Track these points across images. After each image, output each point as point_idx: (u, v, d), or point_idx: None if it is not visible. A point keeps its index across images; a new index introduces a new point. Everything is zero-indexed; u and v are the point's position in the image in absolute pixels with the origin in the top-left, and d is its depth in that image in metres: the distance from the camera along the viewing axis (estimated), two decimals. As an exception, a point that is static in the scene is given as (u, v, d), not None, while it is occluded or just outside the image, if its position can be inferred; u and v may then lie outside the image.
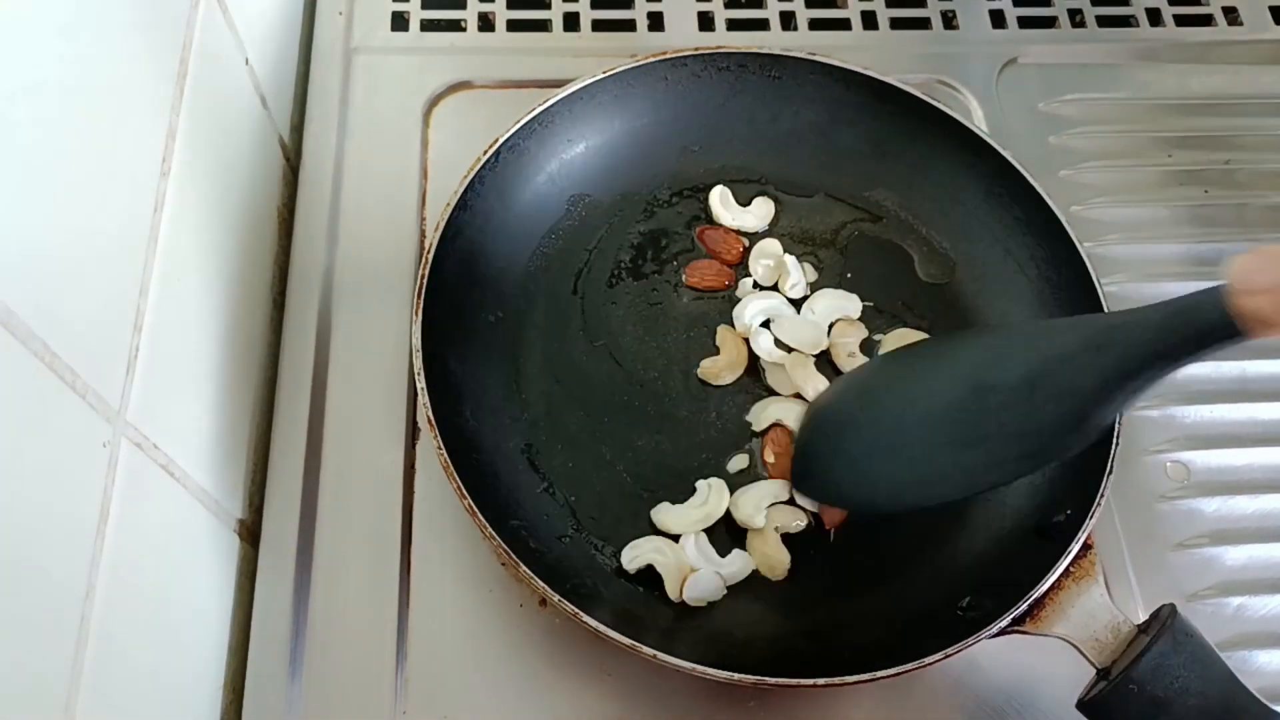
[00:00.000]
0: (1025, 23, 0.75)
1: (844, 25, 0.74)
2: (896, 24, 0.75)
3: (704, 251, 0.63)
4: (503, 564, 0.54)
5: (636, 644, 0.46)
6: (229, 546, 0.53)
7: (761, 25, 0.74)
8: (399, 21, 0.71)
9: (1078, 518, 0.50)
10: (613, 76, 0.61)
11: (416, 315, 0.52)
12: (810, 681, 0.47)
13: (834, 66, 0.62)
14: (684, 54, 0.62)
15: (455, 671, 0.52)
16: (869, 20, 0.74)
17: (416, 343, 0.52)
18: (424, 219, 0.64)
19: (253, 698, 0.51)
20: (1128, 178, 0.70)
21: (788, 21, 0.74)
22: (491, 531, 0.48)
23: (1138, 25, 0.76)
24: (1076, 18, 0.76)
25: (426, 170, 0.66)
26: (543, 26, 0.72)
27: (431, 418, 0.50)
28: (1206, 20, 0.77)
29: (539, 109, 0.59)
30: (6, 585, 0.33)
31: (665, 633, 0.51)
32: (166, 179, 0.47)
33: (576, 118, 0.61)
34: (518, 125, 0.59)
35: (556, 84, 0.61)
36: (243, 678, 0.51)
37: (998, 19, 0.75)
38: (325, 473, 0.56)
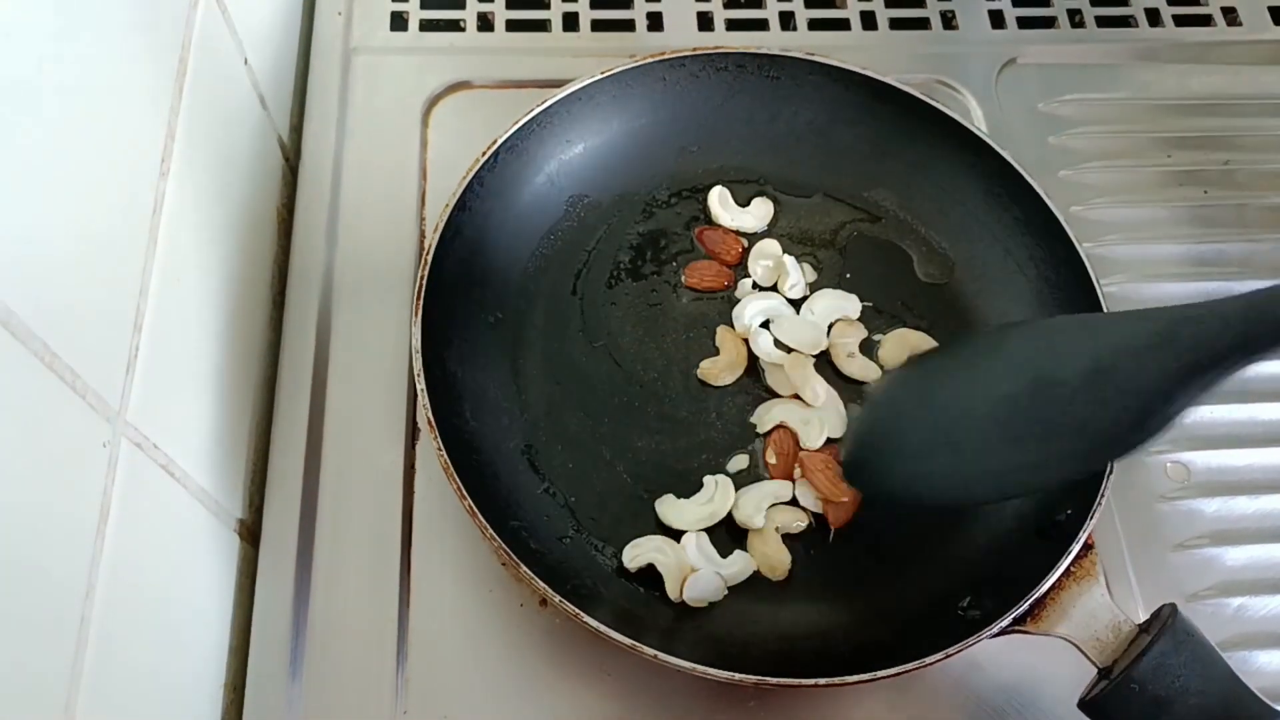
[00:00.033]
0: (1025, 23, 0.75)
1: (843, 25, 0.74)
2: (896, 24, 0.75)
3: (703, 252, 0.63)
4: (503, 564, 0.54)
5: (637, 644, 0.46)
6: (229, 546, 0.53)
7: (761, 25, 0.74)
8: (398, 21, 0.71)
9: (1078, 518, 0.50)
10: (611, 77, 0.61)
11: (416, 316, 0.52)
12: (811, 682, 0.47)
13: (832, 67, 0.62)
14: (682, 54, 0.62)
15: (455, 671, 0.52)
16: (868, 20, 0.74)
17: (416, 344, 0.52)
18: (423, 219, 0.64)
19: (253, 698, 0.51)
20: (1127, 178, 0.70)
21: (787, 22, 0.74)
22: (492, 532, 0.48)
23: (1137, 25, 0.76)
24: (1076, 18, 0.76)
25: (426, 170, 0.66)
26: (542, 26, 0.72)
27: (431, 419, 0.50)
28: (1206, 20, 0.77)
29: (537, 110, 0.59)
30: (6, 585, 0.33)
31: (666, 633, 0.51)
32: (166, 179, 0.47)
33: (575, 118, 0.61)
34: (516, 126, 0.59)
35: (556, 84, 0.61)
36: (243, 678, 0.51)
37: (997, 19, 0.75)
38: (325, 473, 0.56)
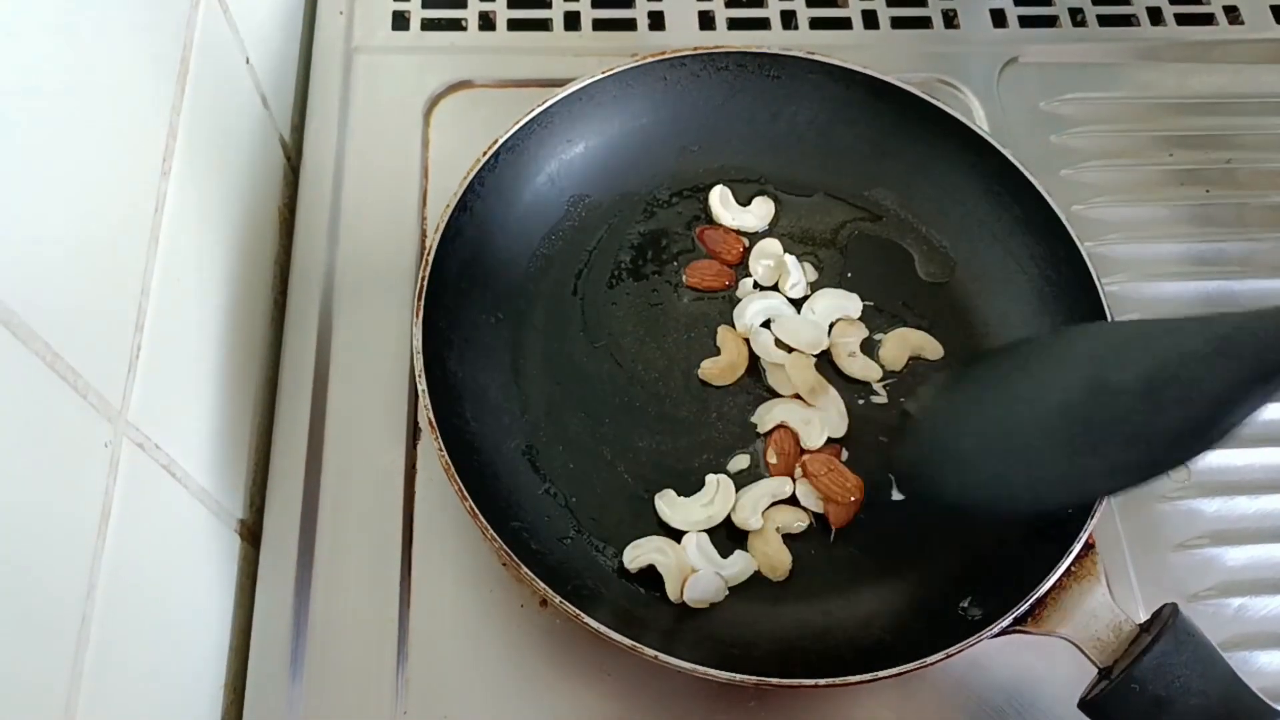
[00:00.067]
0: (1026, 22, 0.75)
1: (845, 24, 0.74)
2: (897, 23, 0.75)
3: (704, 252, 0.63)
4: (503, 565, 0.54)
5: (637, 645, 0.46)
6: (230, 547, 0.53)
7: (762, 24, 0.74)
8: (399, 21, 0.71)
9: (1079, 517, 0.50)
10: (611, 77, 0.61)
11: (417, 317, 0.52)
12: (811, 682, 0.47)
13: (833, 66, 0.62)
14: (683, 54, 0.62)
15: (456, 672, 0.52)
16: (870, 19, 0.74)
17: (417, 344, 0.52)
18: (425, 218, 0.64)
19: (253, 698, 0.51)
20: (1128, 177, 0.70)
21: (789, 21, 0.74)
22: (493, 533, 0.48)
23: (1139, 24, 0.76)
24: (1077, 17, 0.76)
25: (427, 169, 0.66)
26: (543, 26, 0.72)
27: (432, 419, 0.50)
28: (1207, 19, 0.77)
29: (538, 110, 0.59)
30: (7, 584, 0.33)
31: (666, 633, 0.51)
32: (167, 179, 0.47)
33: (575, 118, 0.61)
34: (517, 126, 0.59)
35: (557, 83, 0.61)
36: (243, 678, 0.51)
37: (998, 18, 0.75)
38: (326, 473, 0.56)
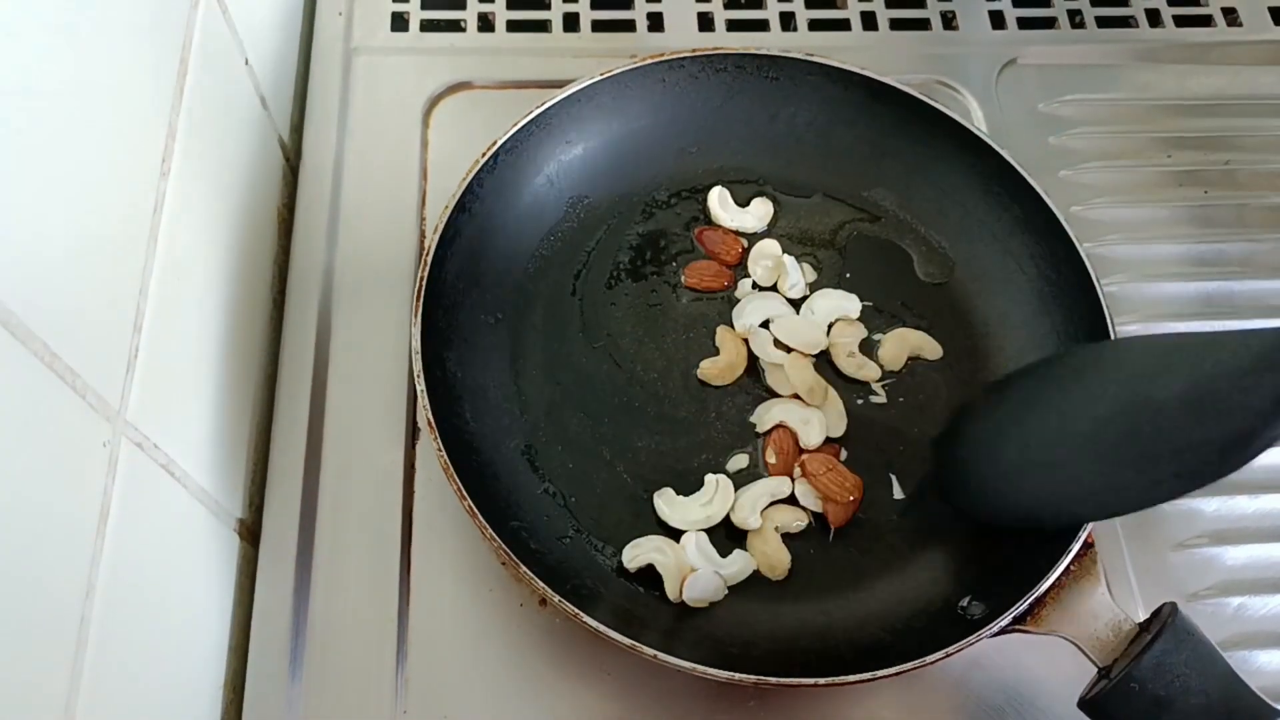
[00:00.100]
0: (1025, 23, 0.75)
1: (844, 26, 0.74)
2: (896, 25, 0.75)
3: (703, 252, 0.63)
4: (503, 564, 0.54)
5: (637, 644, 0.46)
6: (229, 546, 0.53)
7: (761, 26, 0.74)
8: (399, 22, 0.71)
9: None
10: (610, 78, 0.61)
11: (416, 317, 0.52)
12: (811, 681, 0.46)
13: (831, 67, 0.62)
14: (681, 56, 0.62)
15: (455, 671, 0.52)
16: (868, 21, 0.74)
17: (416, 344, 0.52)
18: (424, 219, 0.64)
19: (253, 697, 0.51)
20: (1127, 178, 0.70)
21: (787, 22, 0.74)
22: (492, 532, 0.48)
23: (1137, 26, 0.76)
24: (1076, 18, 0.76)
25: (426, 170, 0.66)
26: (542, 27, 0.72)
27: (431, 419, 0.50)
28: (1206, 21, 0.77)
29: (536, 111, 0.59)
30: (6, 585, 0.33)
31: (666, 633, 0.51)
32: (166, 179, 0.47)
33: (574, 119, 0.61)
34: (515, 128, 0.59)
35: (556, 84, 0.61)
36: (243, 677, 0.51)
37: (997, 20, 0.75)
38: (325, 473, 0.56)
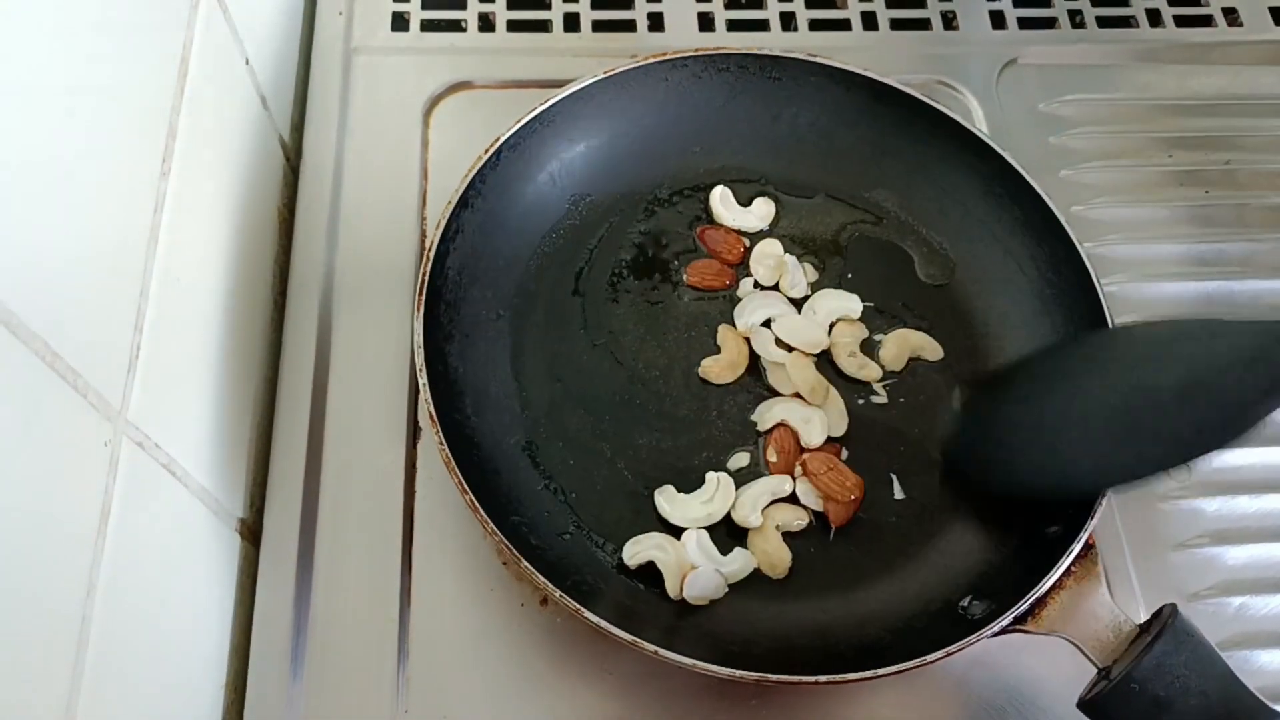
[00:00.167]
0: (1025, 23, 0.75)
1: (844, 26, 0.74)
2: (896, 25, 0.75)
3: (705, 251, 0.63)
4: (504, 562, 0.54)
5: (638, 640, 0.46)
6: (230, 546, 0.53)
7: (762, 26, 0.74)
8: (399, 21, 0.71)
9: (1079, 517, 0.50)
10: (614, 77, 0.61)
11: (418, 312, 0.52)
12: (811, 679, 0.46)
13: (834, 68, 0.62)
14: (684, 55, 0.62)
15: (456, 671, 0.52)
16: (869, 21, 0.74)
17: (418, 339, 0.52)
18: (424, 219, 0.64)
19: (254, 697, 0.51)
20: (1128, 178, 0.70)
21: (788, 22, 0.74)
22: (493, 527, 0.48)
23: (1138, 26, 0.76)
24: (1076, 18, 0.76)
25: (427, 170, 0.66)
26: (543, 27, 0.72)
27: (433, 413, 0.50)
28: (1206, 21, 0.77)
29: (540, 108, 0.59)
30: (7, 584, 0.33)
31: (666, 630, 0.51)
32: (167, 179, 0.47)
33: (578, 117, 0.61)
34: (519, 124, 0.59)
35: (556, 84, 0.61)
36: (244, 677, 0.51)
37: (998, 20, 0.75)
38: (326, 472, 0.56)
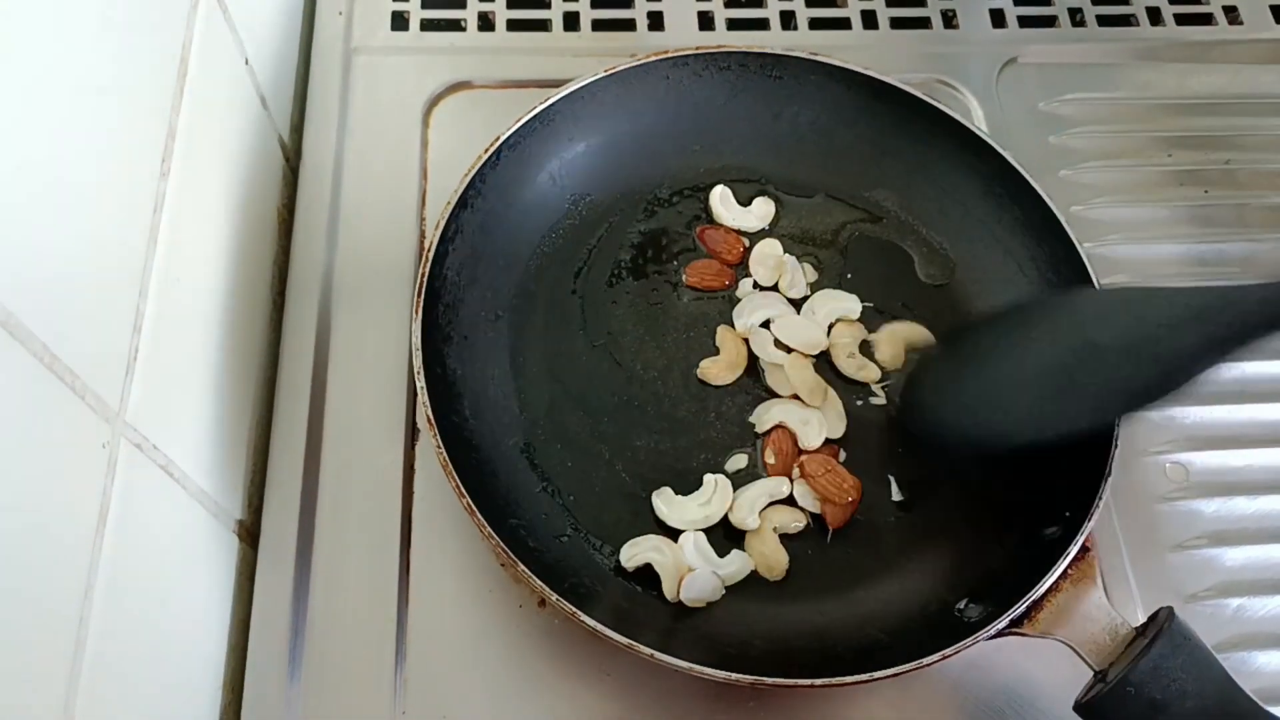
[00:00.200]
0: (1025, 22, 0.75)
1: (844, 25, 0.74)
2: (896, 23, 0.75)
3: (704, 251, 0.63)
4: (502, 564, 0.54)
5: (634, 643, 0.46)
6: (228, 547, 0.53)
7: (761, 25, 0.74)
8: (399, 21, 0.71)
9: (1076, 520, 0.50)
10: (614, 75, 0.61)
11: (416, 314, 0.52)
12: (808, 682, 0.47)
13: (835, 67, 0.62)
14: (685, 53, 0.62)
15: (455, 672, 0.52)
16: (869, 20, 0.74)
17: (416, 341, 0.52)
18: (424, 219, 0.64)
19: (252, 697, 0.51)
20: (1128, 177, 0.70)
21: (788, 21, 0.74)
22: (490, 530, 0.48)
23: (1138, 25, 0.76)
24: (1076, 17, 0.76)
25: (426, 170, 0.66)
26: (543, 26, 0.72)
27: (430, 416, 0.50)
28: (1207, 19, 0.77)
29: (540, 107, 0.59)
30: (6, 585, 0.33)
31: (664, 632, 0.51)
32: (166, 179, 0.47)
33: (577, 116, 0.61)
34: (519, 123, 0.59)
35: (556, 84, 0.60)
36: (242, 677, 0.51)
37: (998, 18, 0.75)
38: (325, 473, 0.56)
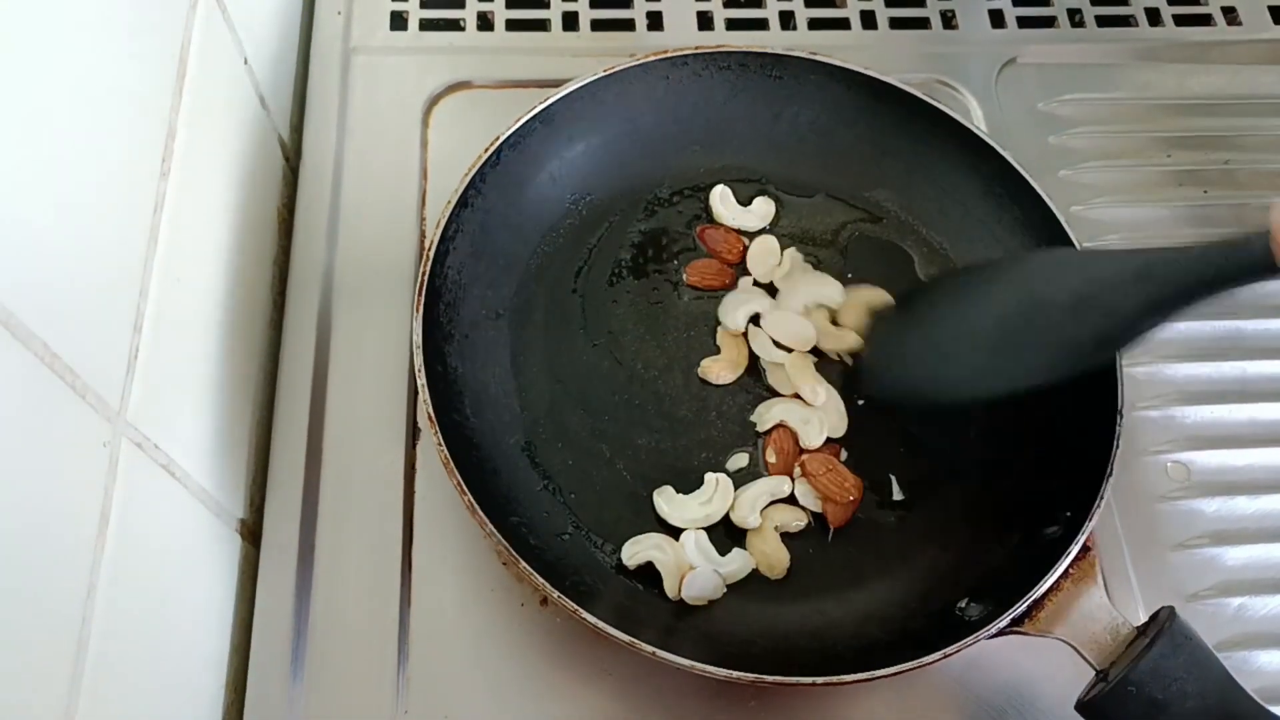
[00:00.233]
0: (1024, 22, 0.75)
1: (843, 25, 0.74)
2: (896, 24, 0.75)
3: (704, 251, 0.63)
4: (503, 563, 0.54)
5: (635, 641, 0.46)
6: (230, 546, 0.53)
7: (760, 25, 0.74)
8: (398, 21, 0.71)
9: (1078, 519, 0.50)
10: (614, 75, 0.61)
11: (417, 312, 0.52)
12: (809, 680, 0.47)
13: (834, 66, 0.62)
14: (685, 53, 0.62)
15: (456, 671, 0.52)
16: (868, 20, 0.74)
17: (417, 339, 0.52)
18: (424, 219, 0.64)
19: (254, 697, 0.51)
20: (1127, 178, 0.70)
21: (787, 21, 0.74)
22: (491, 528, 0.48)
23: (1137, 25, 0.76)
24: (1076, 17, 0.76)
25: (426, 170, 0.66)
26: (542, 26, 0.72)
27: (432, 414, 0.50)
28: (1206, 20, 0.77)
29: (540, 107, 0.59)
30: (7, 585, 0.33)
31: (665, 631, 0.51)
32: (166, 179, 0.47)
33: (578, 116, 0.61)
34: (519, 123, 0.59)
35: (556, 84, 0.60)
36: (244, 677, 0.51)
37: (997, 19, 0.75)
38: (326, 472, 0.56)
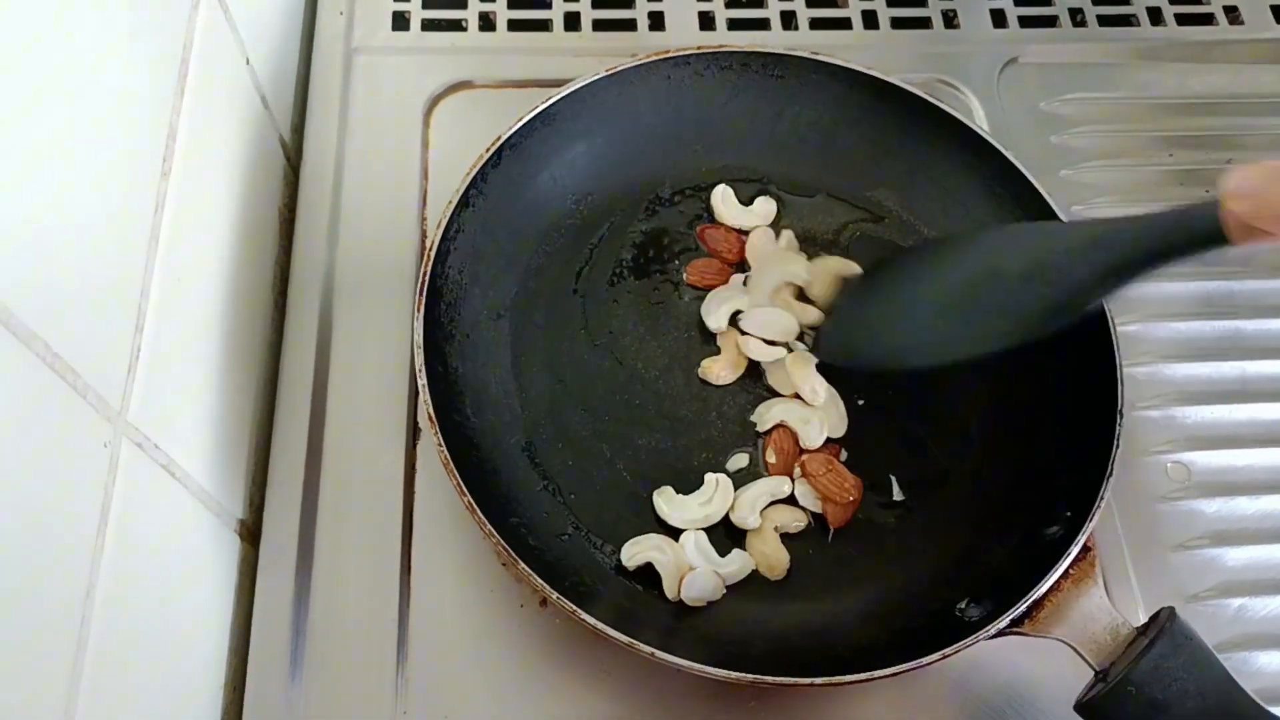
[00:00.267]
0: (1026, 22, 0.75)
1: (845, 25, 0.74)
2: (897, 23, 0.74)
3: (705, 250, 0.63)
4: (503, 563, 0.54)
5: (635, 642, 0.46)
6: (229, 546, 0.53)
7: (762, 25, 0.74)
8: (400, 21, 0.71)
9: (1078, 519, 0.50)
10: (615, 75, 0.61)
11: (418, 312, 0.52)
12: (808, 681, 0.47)
13: (836, 66, 0.62)
14: (687, 53, 0.62)
15: (456, 671, 0.52)
16: (870, 20, 0.74)
17: (418, 339, 0.52)
18: (425, 219, 0.64)
19: (253, 697, 0.51)
20: (1129, 177, 0.70)
21: (788, 21, 0.74)
22: (491, 529, 0.48)
23: (1138, 24, 0.76)
24: (1077, 17, 0.76)
25: (427, 170, 0.66)
26: (544, 26, 0.72)
27: (432, 414, 0.50)
28: (1207, 19, 0.77)
29: (541, 107, 0.59)
30: (7, 584, 0.33)
31: (664, 631, 0.51)
32: (167, 179, 0.47)
33: (579, 116, 0.61)
34: (520, 123, 0.59)
35: (557, 84, 0.60)
36: (243, 677, 0.51)
37: (998, 18, 0.75)
38: (326, 473, 0.56)
